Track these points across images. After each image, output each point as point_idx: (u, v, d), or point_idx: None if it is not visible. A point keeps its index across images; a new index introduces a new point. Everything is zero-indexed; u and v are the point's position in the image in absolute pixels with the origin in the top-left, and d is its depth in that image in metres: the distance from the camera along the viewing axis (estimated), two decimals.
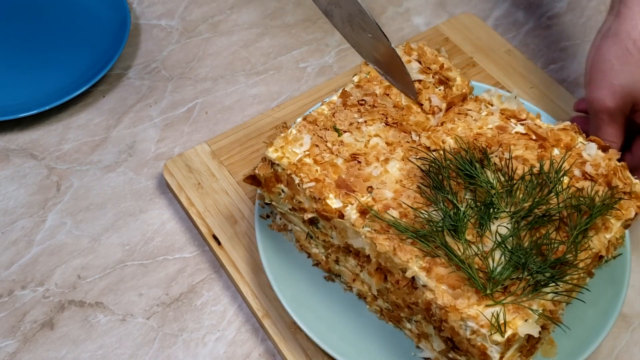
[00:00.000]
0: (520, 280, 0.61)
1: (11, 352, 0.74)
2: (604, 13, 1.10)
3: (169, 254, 0.82)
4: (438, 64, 0.77)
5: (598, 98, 0.76)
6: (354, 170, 0.69)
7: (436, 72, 0.76)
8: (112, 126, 0.94)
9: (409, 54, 0.78)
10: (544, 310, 0.61)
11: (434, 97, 0.74)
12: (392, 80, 0.74)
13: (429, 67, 0.76)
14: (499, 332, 0.58)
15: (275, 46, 1.04)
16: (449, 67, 0.77)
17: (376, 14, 1.09)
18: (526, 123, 0.73)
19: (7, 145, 0.91)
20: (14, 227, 0.84)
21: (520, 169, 0.69)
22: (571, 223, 0.65)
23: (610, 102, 0.75)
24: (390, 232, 0.64)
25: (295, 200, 0.70)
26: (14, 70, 0.97)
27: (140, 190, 0.88)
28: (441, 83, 0.76)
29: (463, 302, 0.60)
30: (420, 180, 0.68)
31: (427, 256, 0.63)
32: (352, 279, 0.73)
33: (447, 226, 0.64)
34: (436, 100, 0.74)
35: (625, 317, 0.78)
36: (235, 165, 0.88)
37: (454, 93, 0.75)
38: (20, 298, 0.78)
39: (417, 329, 0.69)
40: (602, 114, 0.76)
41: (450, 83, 0.76)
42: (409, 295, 0.65)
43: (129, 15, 1.01)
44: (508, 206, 0.66)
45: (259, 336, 0.76)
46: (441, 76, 0.76)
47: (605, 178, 0.68)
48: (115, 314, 0.77)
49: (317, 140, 0.71)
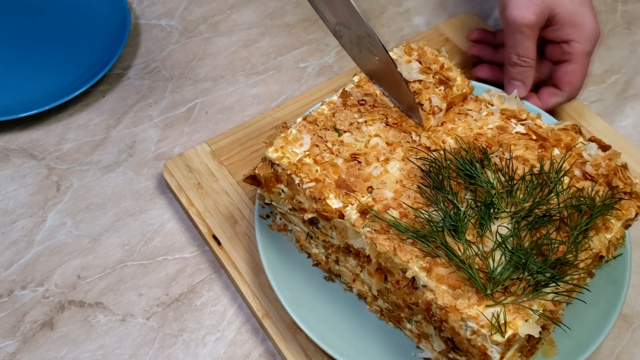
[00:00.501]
0: (521, 281, 0.61)
1: (11, 352, 0.74)
2: (604, 13, 1.10)
3: (169, 254, 0.82)
4: (438, 63, 0.77)
5: (520, 14, 0.81)
6: (354, 170, 0.69)
7: (436, 72, 0.76)
8: (112, 126, 0.94)
9: (409, 54, 0.78)
10: (544, 310, 0.61)
11: (434, 97, 0.74)
12: (397, 103, 0.74)
13: (429, 67, 0.76)
14: (499, 332, 0.58)
15: (275, 46, 1.04)
16: (449, 67, 0.77)
17: (376, 13, 1.09)
18: (526, 123, 0.73)
19: (7, 145, 0.91)
20: (14, 227, 0.84)
21: (521, 169, 0.69)
22: (571, 223, 0.65)
23: (532, 15, 0.81)
24: (391, 232, 0.64)
25: (295, 200, 0.70)
26: (14, 70, 0.97)
27: (140, 190, 0.88)
28: (441, 83, 0.76)
29: (463, 302, 0.60)
30: (420, 180, 0.68)
31: (428, 256, 0.63)
32: (352, 279, 0.73)
33: (447, 226, 0.64)
34: (436, 100, 0.74)
35: (625, 317, 0.78)
36: (235, 165, 0.87)
37: (454, 93, 0.75)
38: (20, 298, 0.78)
39: (417, 329, 0.69)
40: (525, 29, 0.82)
41: (451, 83, 0.76)
42: (409, 296, 0.65)
43: (128, 15, 1.01)
44: (508, 206, 0.66)
45: (259, 336, 0.76)
46: (441, 76, 0.76)
47: (605, 178, 0.68)
48: (115, 314, 0.77)
49: (317, 140, 0.71)
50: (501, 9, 0.84)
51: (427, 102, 0.74)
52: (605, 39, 1.07)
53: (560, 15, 0.83)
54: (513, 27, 0.83)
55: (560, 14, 0.83)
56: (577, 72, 0.85)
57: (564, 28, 0.83)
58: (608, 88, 1.01)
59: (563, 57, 0.85)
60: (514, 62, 0.85)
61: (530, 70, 0.85)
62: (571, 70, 0.85)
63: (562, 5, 0.82)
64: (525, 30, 0.82)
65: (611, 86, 1.01)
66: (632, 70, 1.03)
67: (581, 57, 0.84)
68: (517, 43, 0.83)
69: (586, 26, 0.83)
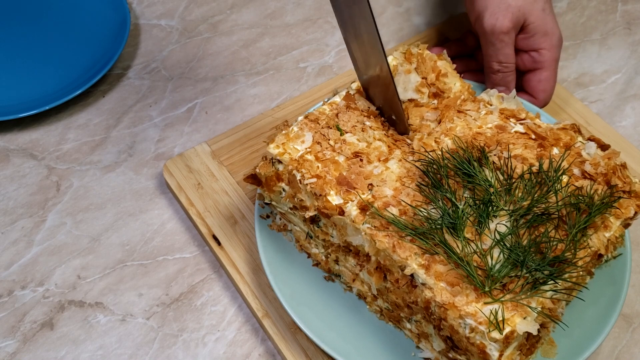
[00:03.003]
0: (519, 278, 0.61)
1: (11, 352, 0.74)
2: (604, 13, 1.10)
3: (169, 254, 0.82)
4: (435, 71, 0.77)
5: (498, 22, 0.83)
6: (355, 168, 0.69)
7: (432, 83, 0.76)
8: (112, 126, 0.94)
9: (410, 61, 0.78)
10: (543, 308, 0.61)
11: (427, 114, 0.74)
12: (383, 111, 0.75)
13: (426, 78, 0.76)
14: (497, 330, 0.58)
15: (275, 46, 1.04)
16: (445, 73, 0.77)
17: (376, 14, 1.09)
18: (525, 122, 0.73)
19: (7, 145, 0.91)
20: (14, 227, 0.84)
21: (520, 168, 0.69)
22: (570, 221, 0.65)
23: (509, 22, 0.83)
24: (390, 230, 0.64)
25: (296, 198, 0.70)
26: (14, 70, 0.97)
27: (140, 190, 0.88)
28: (435, 96, 0.76)
29: (462, 299, 0.60)
30: (419, 178, 0.68)
31: (426, 254, 0.63)
32: (352, 279, 0.73)
33: (445, 224, 0.64)
34: (430, 116, 0.74)
35: (625, 317, 0.78)
36: (235, 166, 0.88)
37: (449, 102, 0.76)
38: (20, 298, 0.78)
39: (416, 329, 0.69)
40: (503, 36, 0.83)
41: (445, 94, 0.76)
42: (408, 295, 0.65)
43: (128, 15, 1.01)
44: (507, 204, 0.66)
45: (259, 336, 0.76)
46: (437, 89, 0.76)
47: (604, 177, 0.68)
48: (115, 314, 0.78)
49: (319, 138, 0.71)
50: (475, 20, 0.86)
51: (417, 118, 0.74)
52: (605, 39, 1.07)
53: (533, 24, 0.84)
54: (492, 35, 0.84)
55: (533, 23, 0.84)
56: (549, 80, 0.87)
57: (536, 37, 0.85)
58: (608, 88, 1.01)
59: (534, 65, 0.87)
60: (496, 70, 0.86)
61: (512, 74, 0.86)
62: (544, 78, 0.86)
63: (535, 14, 0.84)
64: (504, 38, 0.83)
65: (611, 86, 1.01)
66: (632, 70, 1.03)
67: (552, 65, 0.86)
68: (497, 51, 0.84)
69: (554, 34, 0.85)
